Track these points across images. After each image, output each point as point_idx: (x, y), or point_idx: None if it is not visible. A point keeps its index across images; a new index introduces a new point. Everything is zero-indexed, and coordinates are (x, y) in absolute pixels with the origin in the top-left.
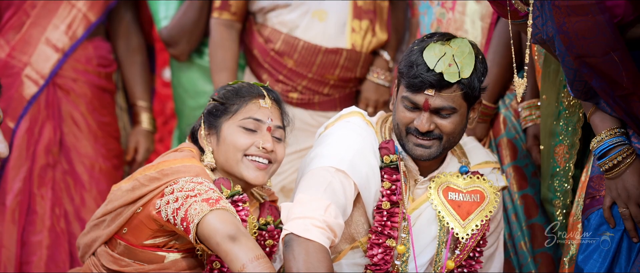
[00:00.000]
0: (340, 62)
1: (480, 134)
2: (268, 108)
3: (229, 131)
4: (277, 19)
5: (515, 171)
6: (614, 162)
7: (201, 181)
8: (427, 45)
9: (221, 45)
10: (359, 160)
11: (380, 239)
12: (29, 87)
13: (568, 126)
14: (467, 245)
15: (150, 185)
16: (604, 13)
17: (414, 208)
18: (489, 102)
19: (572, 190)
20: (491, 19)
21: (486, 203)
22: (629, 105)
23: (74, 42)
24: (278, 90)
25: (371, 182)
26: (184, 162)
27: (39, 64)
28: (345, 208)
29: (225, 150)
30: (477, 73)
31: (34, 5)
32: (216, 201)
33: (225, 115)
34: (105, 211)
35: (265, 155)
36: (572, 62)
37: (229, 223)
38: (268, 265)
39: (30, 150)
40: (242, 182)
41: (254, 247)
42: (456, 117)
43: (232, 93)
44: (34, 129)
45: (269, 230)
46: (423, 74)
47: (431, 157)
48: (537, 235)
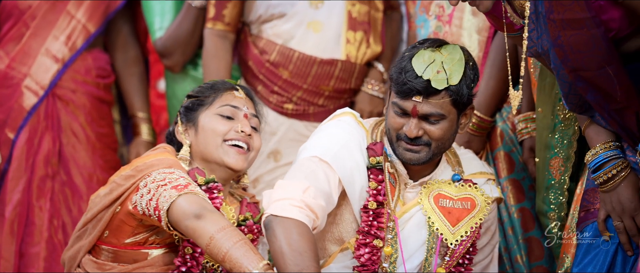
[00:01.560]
0: (335, 73)
1: (477, 147)
2: (243, 98)
3: (207, 120)
4: (272, 30)
5: (512, 184)
6: (609, 175)
7: (172, 171)
8: (417, 51)
9: (215, 56)
10: (344, 155)
11: (367, 239)
12: (28, 97)
13: (563, 139)
14: (457, 251)
15: (126, 183)
16: (599, 27)
17: (404, 211)
18: (486, 116)
19: (567, 202)
20: (488, 32)
21: (476, 211)
22: (623, 118)
23: (74, 53)
24: (273, 101)
25: (356, 178)
26: (158, 156)
27: (39, 74)
28: (329, 195)
29: (205, 138)
30: (467, 80)
31: (33, 16)
32: (185, 186)
33: (202, 106)
34: (86, 220)
35: (244, 139)
36: (567, 75)
37: (194, 203)
38: (236, 233)
39: (29, 161)
40: (221, 172)
41: (220, 220)
42: (445, 123)
43: (206, 88)
44: (33, 139)
45: (248, 225)
46: (411, 81)
47: (420, 161)
48: (534, 249)
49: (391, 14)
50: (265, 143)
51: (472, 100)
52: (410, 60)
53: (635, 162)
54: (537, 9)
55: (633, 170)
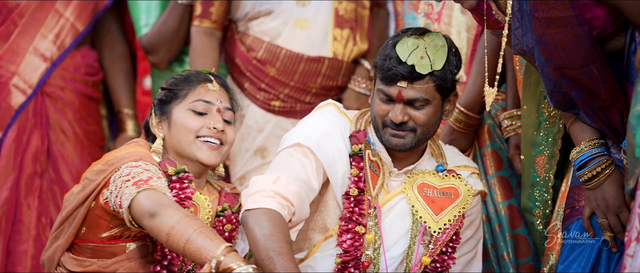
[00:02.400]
0: (322, 71)
1: (464, 144)
2: (216, 91)
3: (180, 115)
4: (259, 27)
5: (500, 182)
6: (593, 172)
7: (138, 164)
8: (401, 39)
9: (201, 53)
10: (326, 141)
11: (349, 225)
12: (16, 96)
13: (548, 136)
14: (440, 240)
15: (98, 178)
16: (583, 25)
17: (388, 200)
18: (474, 113)
19: (552, 200)
20: (477, 30)
21: (459, 200)
22: (608, 116)
23: (62, 52)
24: (260, 98)
25: (338, 164)
26: (128, 149)
27: (27, 73)
28: (305, 182)
29: (177, 133)
30: (450, 65)
31: (21, 14)
32: (145, 181)
33: (175, 100)
34: (62, 219)
35: (217, 135)
36: (552, 73)
37: (150, 201)
38: (193, 222)
39: (17, 159)
40: (194, 166)
41: (176, 213)
42: (430, 109)
43: (180, 80)
44: (21, 137)
45: (226, 215)
46: (396, 67)
47: (406, 147)
48: (521, 246)
49: (378, 12)
50: (252, 140)
51: (455, 87)
52: (394, 47)
53: (620, 160)
54: (522, 7)
55: (617, 168)
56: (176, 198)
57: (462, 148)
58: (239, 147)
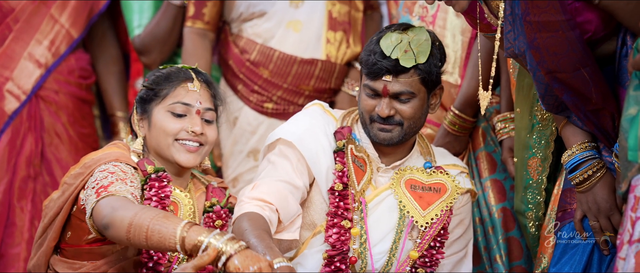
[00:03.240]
0: (315, 73)
1: (459, 147)
2: (197, 91)
3: (159, 116)
4: (252, 29)
5: (494, 184)
6: (585, 175)
7: (105, 168)
8: (384, 34)
9: (194, 54)
10: (308, 136)
11: (335, 220)
12: (10, 102)
13: (541, 139)
14: (428, 234)
15: (76, 181)
16: (574, 30)
17: (376, 195)
18: (468, 116)
19: (544, 202)
20: (471, 33)
21: (447, 195)
22: (599, 120)
23: (57, 59)
24: (253, 100)
25: (321, 159)
26: (105, 150)
27: (21, 79)
28: (288, 181)
29: (157, 135)
30: (434, 59)
31: (16, 19)
32: (106, 188)
33: (155, 99)
34: (44, 226)
35: (195, 138)
36: (544, 76)
37: (103, 210)
38: (147, 213)
39: (11, 162)
40: (175, 167)
41: (127, 213)
42: (416, 102)
43: (161, 78)
44: (15, 141)
45: (215, 211)
46: (380, 61)
47: (394, 141)
48: (513, 249)
49: (371, 14)
50: (245, 142)
51: (441, 80)
52: (378, 43)
53: (611, 163)
54: (514, 10)
55: (609, 171)
56: (156, 197)
57: (456, 151)
58: (231, 149)
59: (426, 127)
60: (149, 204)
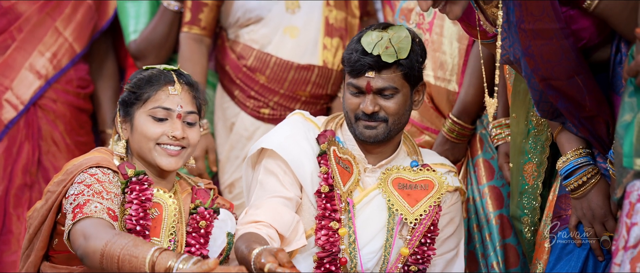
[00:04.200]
0: (312, 79)
1: (458, 154)
2: (178, 94)
3: (140, 120)
4: (249, 35)
5: (492, 191)
6: (579, 182)
7: (83, 179)
8: (365, 33)
9: (190, 59)
10: (289, 143)
11: (323, 222)
12: (7, 111)
13: (537, 144)
14: (417, 231)
15: (59, 188)
16: (568, 38)
17: (364, 196)
18: (466, 123)
19: (540, 208)
20: (469, 40)
21: (434, 191)
22: (594, 126)
23: (58, 72)
24: (250, 106)
25: (304, 163)
26: (86, 155)
27: (20, 89)
28: (276, 194)
29: (139, 139)
30: (415, 54)
31: (20, 29)
32: (81, 208)
33: (137, 103)
34: (30, 237)
35: (177, 142)
36: (538, 83)
37: (77, 241)
38: (118, 242)
39: (7, 170)
40: (158, 170)
41: (99, 243)
42: (399, 98)
43: (143, 81)
44: (12, 149)
45: (199, 212)
46: (362, 58)
47: (379, 138)
48: (510, 256)
49: (368, 21)
50: (241, 147)
51: (422, 76)
52: (359, 41)
53: (606, 169)
54: (509, 18)
55: (603, 177)
56: (136, 200)
57: (455, 158)
58: (228, 155)
59: (424, 134)
60: (129, 207)
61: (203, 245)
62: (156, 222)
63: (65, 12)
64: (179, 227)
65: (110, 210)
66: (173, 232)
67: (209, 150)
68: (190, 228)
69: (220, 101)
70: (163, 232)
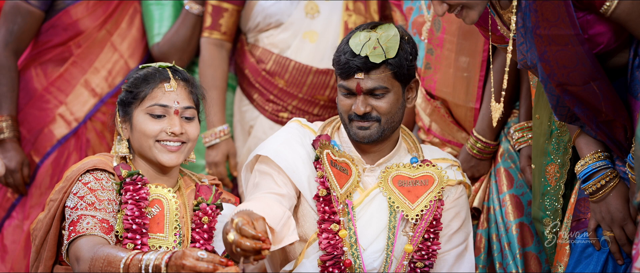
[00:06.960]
0: (330, 83)
1: (483, 170)
2: (174, 91)
3: (139, 119)
4: (269, 39)
5: (511, 199)
6: (598, 185)
7: (77, 190)
8: (354, 34)
9: (211, 64)
10: (284, 149)
11: (323, 225)
12: (60, 127)
13: (559, 145)
14: (420, 226)
15: (60, 195)
16: (583, 44)
17: (365, 196)
18: (489, 140)
19: (562, 209)
20: (482, 56)
21: (434, 186)
22: (611, 130)
23: (112, 90)
24: (269, 109)
25: (300, 168)
26: (84, 160)
27: (75, 106)
28: (269, 191)
29: (138, 138)
30: (405, 53)
31: (79, 44)
32: (75, 226)
33: (134, 102)
34: (36, 248)
35: (176, 139)
36: (554, 89)
37: (72, 265)
38: (101, 256)
39: (54, 179)
40: (159, 167)
41: (85, 264)
42: (391, 97)
43: (139, 80)
44: (60, 160)
45: (201, 208)
46: (351, 60)
47: (373, 138)
48: (531, 264)
49: None
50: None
51: (414, 74)
52: (348, 42)
53: (624, 172)
54: (525, 23)
55: (622, 180)
56: (131, 200)
57: (481, 174)
58: (246, 158)
59: (447, 147)
60: (125, 207)
61: (207, 241)
62: (159, 218)
63: (121, 26)
64: (184, 222)
65: (103, 222)
66: (177, 226)
67: (230, 155)
68: (194, 224)
69: (239, 104)
70: (167, 227)
